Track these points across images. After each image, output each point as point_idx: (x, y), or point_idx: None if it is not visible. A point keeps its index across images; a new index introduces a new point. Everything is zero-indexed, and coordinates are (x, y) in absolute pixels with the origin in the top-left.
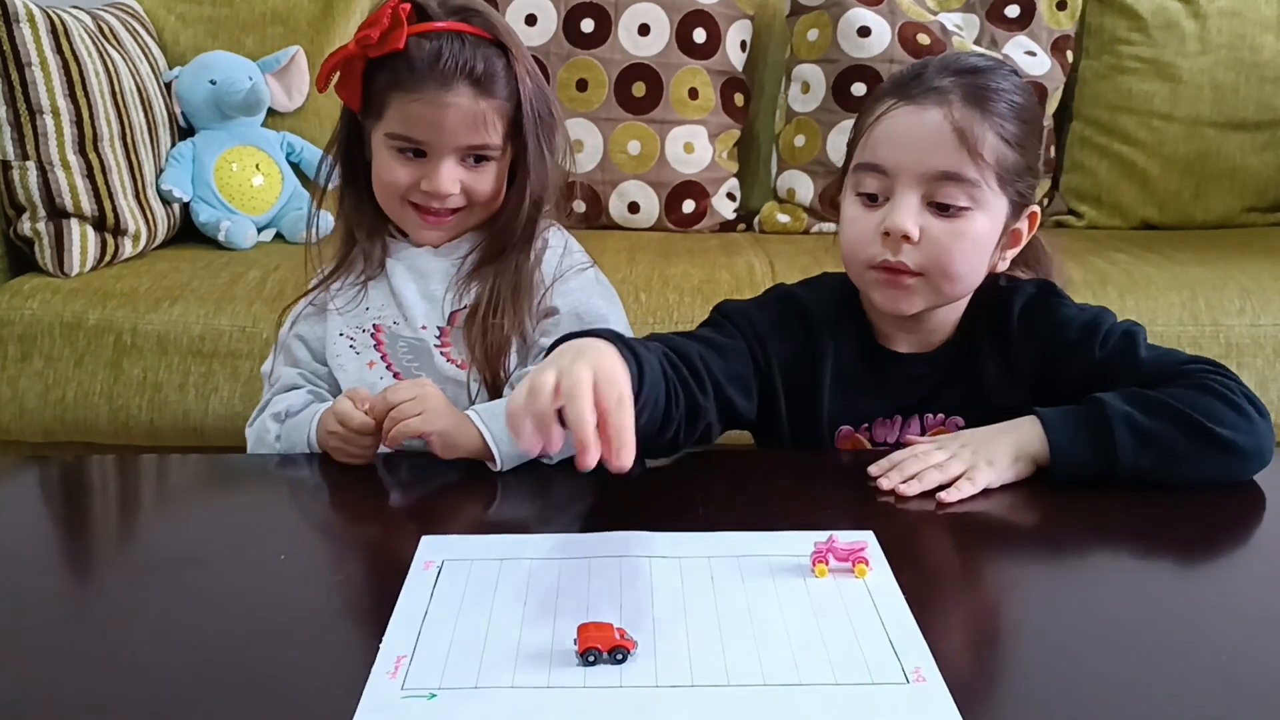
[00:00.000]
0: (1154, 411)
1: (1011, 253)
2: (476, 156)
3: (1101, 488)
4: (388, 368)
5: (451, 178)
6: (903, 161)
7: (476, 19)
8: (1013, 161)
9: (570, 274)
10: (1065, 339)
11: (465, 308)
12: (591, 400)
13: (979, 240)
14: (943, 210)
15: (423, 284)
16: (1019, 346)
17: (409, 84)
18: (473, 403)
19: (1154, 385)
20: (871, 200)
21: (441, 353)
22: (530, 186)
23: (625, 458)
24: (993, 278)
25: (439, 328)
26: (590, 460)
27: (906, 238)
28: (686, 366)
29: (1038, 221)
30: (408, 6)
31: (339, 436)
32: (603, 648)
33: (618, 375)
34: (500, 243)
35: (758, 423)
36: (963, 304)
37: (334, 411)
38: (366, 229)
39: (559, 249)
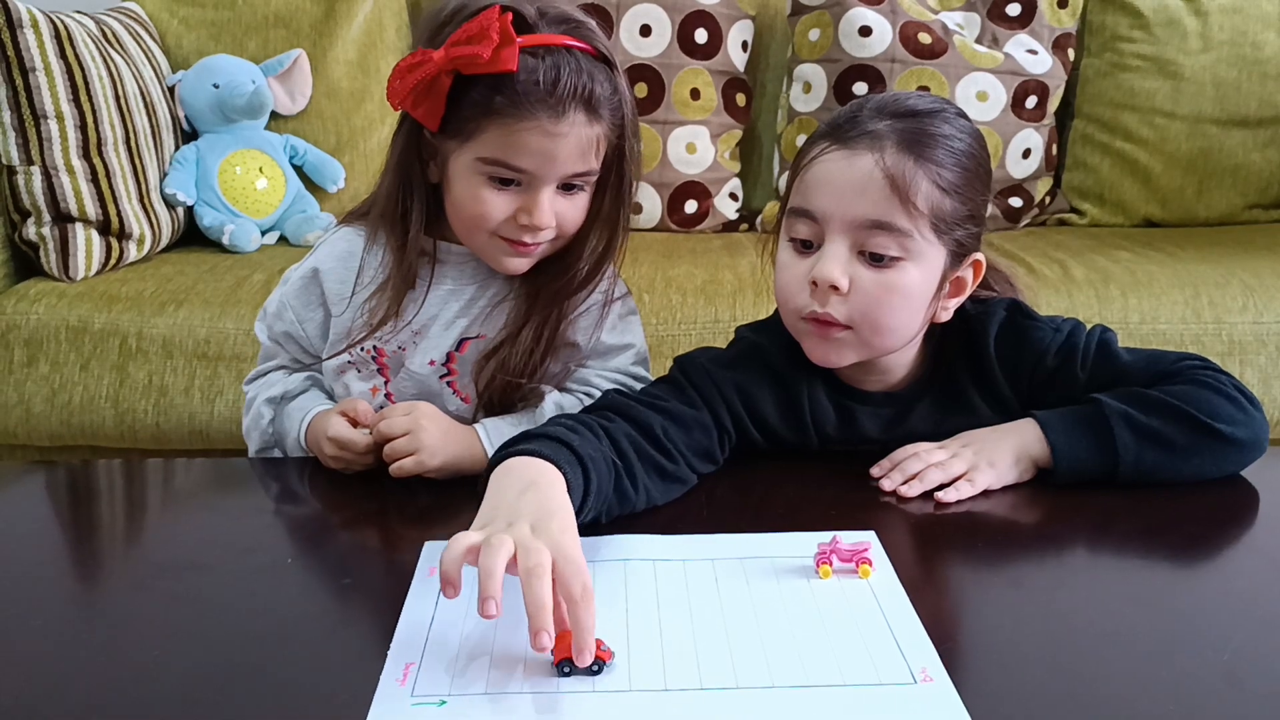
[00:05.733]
0: (1152, 409)
1: (955, 302)
2: (571, 185)
3: (1102, 487)
4: (388, 396)
5: (552, 209)
6: (832, 208)
7: (582, 31)
8: (950, 210)
9: (594, 309)
10: (1045, 366)
11: (479, 337)
12: (551, 582)
13: (910, 292)
14: (874, 260)
15: (441, 313)
16: (995, 373)
17: (517, 110)
18: None
19: (1147, 386)
20: (804, 246)
21: (447, 383)
22: (624, 217)
23: (585, 658)
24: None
25: (447, 354)
26: (546, 644)
27: (835, 289)
28: (650, 442)
29: (983, 270)
30: (509, 16)
31: (341, 460)
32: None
33: (578, 557)
34: (568, 289)
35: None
36: (918, 341)
37: (331, 437)
38: (414, 254)
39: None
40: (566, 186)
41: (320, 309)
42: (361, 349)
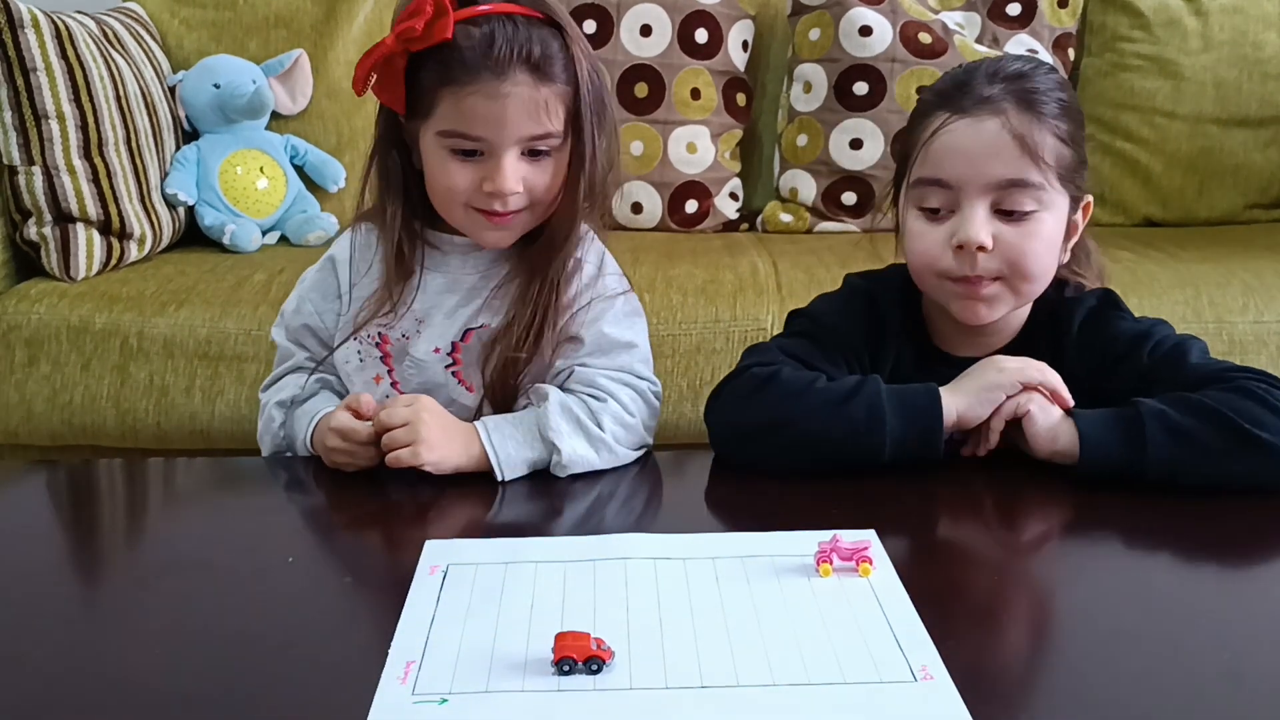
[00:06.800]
0: (1188, 410)
1: (1070, 244)
2: (536, 150)
3: (1106, 486)
4: (393, 385)
5: (515, 174)
6: (966, 174)
7: None
8: (1070, 158)
9: (597, 302)
10: (1115, 351)
11: (483, 326)
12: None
13: (1049, 239)
14: (1011, 216)
15: (444, 301)
16: (1075, 360)
17: (461, 77)
18: None
19: (1196, 390)
20: (934, 213)
21: (452, 373)
22: (584, 182)
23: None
24: (1057, 286)
25: (452, 343)
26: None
27: (981, 248)
28: None
29: (1090, 210)
30: None
31: (343, 452)
32: (578, 658)
33: None
34: (547, 253)
35: None
36: (1027, 309)
37: (334, 428)
38: (409, 240)
39: (591, 276)
40: (533, 153)
41: (337, 300)
42: (367, 335)
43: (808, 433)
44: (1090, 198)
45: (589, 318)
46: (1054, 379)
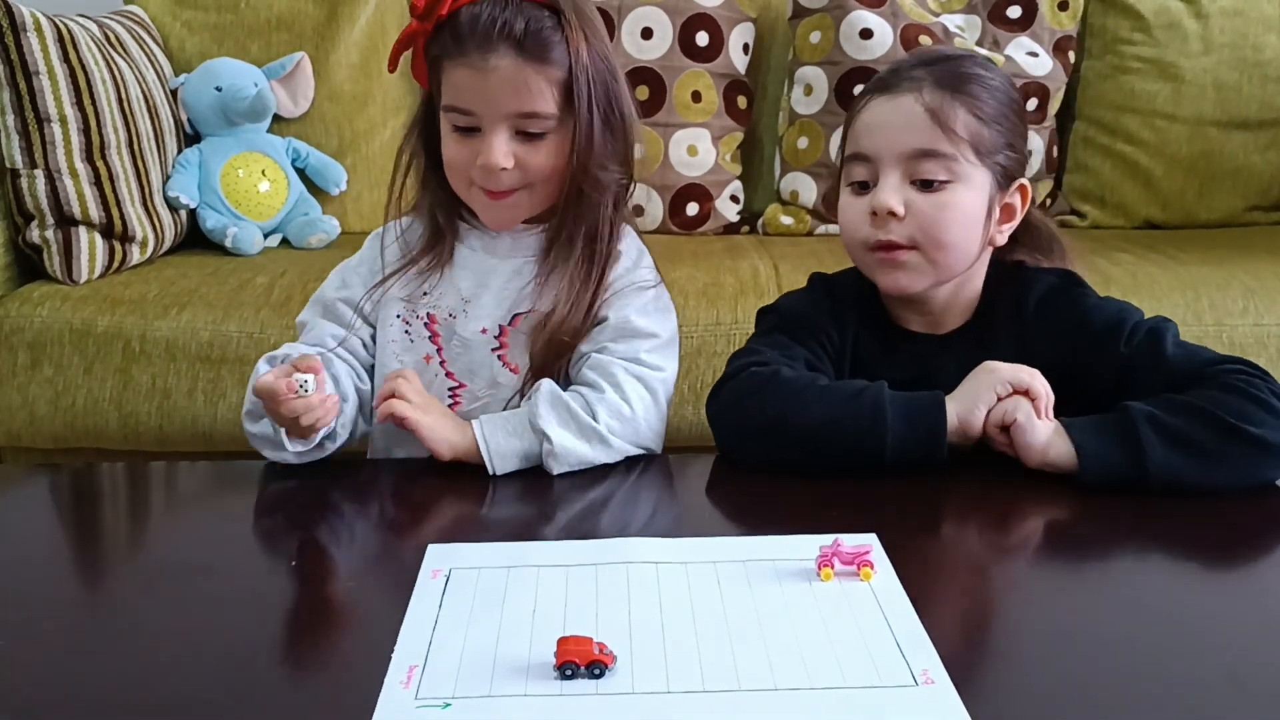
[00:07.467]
0: (1178, 411)
1: (1008, 227)
2: (530, 131)
3: (1106, 490)
4: (441, 364)
5: (503, 150)
6: (882, 146)
7: None
8: (989, 137)
9: (630, 290)
10: (1089, 333)
11: (531, 311)
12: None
13: (964, 210)
14: (925, 186)
15: (490, 280)
16: (1034, 333)
17: (453, 51)
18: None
19: (1181, 387)
20: (862, 188)
21: (498, 355)
22: (576, 160)
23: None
24: (1015, 263)
25: (500, 326)
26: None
27: (893, 214)
28: None
29: (1029, 195)
30: None
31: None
32: (580, 662)
33: None
34: (562, 228)
35: None
36: (976, 285)
37: (257, 387)
38: (444, 212)
39: (629, 265)
40: (527, 134)
41: (381, 275)
42: (415, 315)
43: (810, 429)
44: (1026, 182)
45: (619, 303)
46: (1042, 386)
